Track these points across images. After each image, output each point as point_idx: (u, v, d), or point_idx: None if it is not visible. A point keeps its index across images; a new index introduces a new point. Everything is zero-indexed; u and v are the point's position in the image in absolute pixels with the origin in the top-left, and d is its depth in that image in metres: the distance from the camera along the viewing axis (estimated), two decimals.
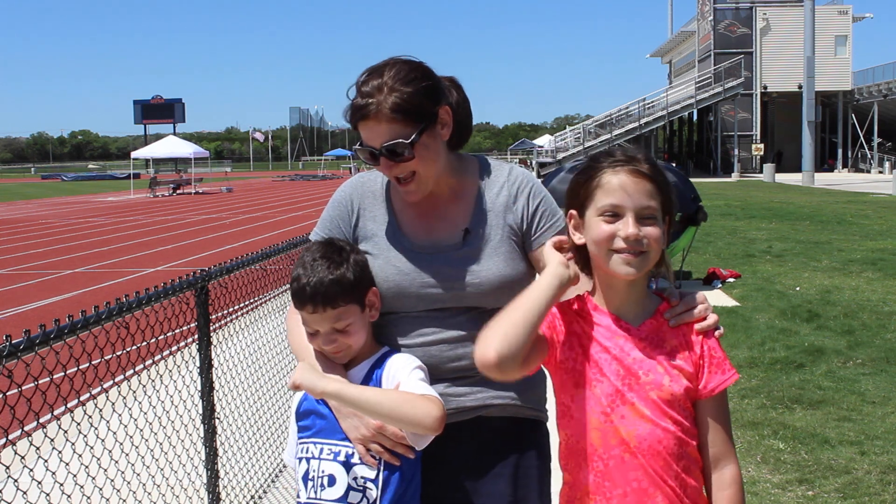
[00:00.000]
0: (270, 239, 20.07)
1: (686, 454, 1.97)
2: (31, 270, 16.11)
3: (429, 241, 2.36)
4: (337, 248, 2.29)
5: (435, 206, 2.38)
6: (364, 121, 2.22)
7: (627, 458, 1.94)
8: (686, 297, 2.04)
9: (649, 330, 2.00)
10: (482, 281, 2.29)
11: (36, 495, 2.87)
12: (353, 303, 2.23)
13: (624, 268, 1.93)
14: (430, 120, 2.24)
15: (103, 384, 3.36)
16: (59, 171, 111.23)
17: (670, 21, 75.91)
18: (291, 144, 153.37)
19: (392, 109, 2.18)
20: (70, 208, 38.00)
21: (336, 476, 2.19)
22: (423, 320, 2.32)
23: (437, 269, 2.31)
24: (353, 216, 2.43)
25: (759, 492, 4.77)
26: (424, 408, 2.10)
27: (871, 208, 24.28)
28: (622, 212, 1.92)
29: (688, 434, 1.97)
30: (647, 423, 1.94)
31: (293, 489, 5.05)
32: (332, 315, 2.20)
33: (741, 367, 7.29)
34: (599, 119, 57.20)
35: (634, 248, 1.92)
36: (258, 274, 5.16)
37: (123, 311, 3.15)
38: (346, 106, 2.27)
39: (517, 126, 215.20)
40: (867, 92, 55.10)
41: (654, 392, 1.94)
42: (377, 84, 2.20)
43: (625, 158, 1.97)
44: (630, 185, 1.93)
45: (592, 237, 1.96)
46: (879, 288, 11.08)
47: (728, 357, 2.04)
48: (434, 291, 2.30)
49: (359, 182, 2.49)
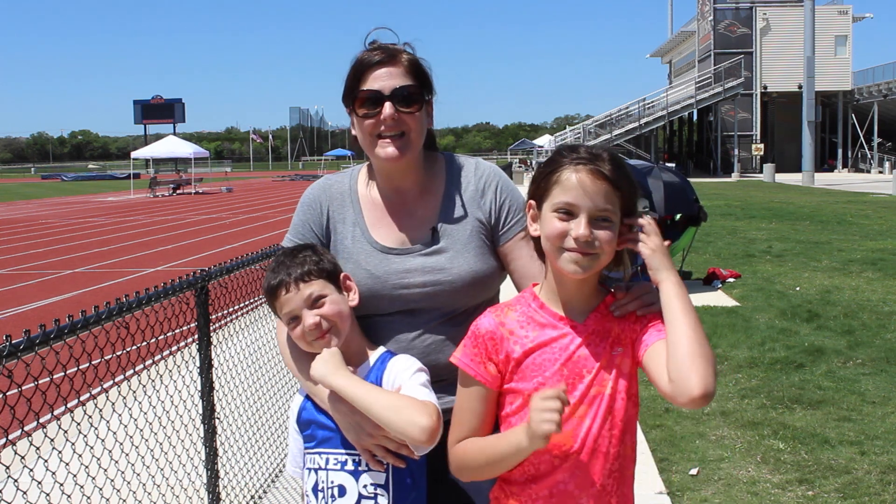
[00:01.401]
0: (270, 239, 20.07)
1: (623, 455, 1.97)
2: (31, 270, 16.11)
3: (397, 241, 2.34)
4: (300, 246, 2.31)
5: (403, 203, 2.37)
6: (378, 66, 2.25)
7: (558, 461, 1.94)
8: (633, 289, 2.03)
9: (594, 324, 1.98)
10: (454, 278, 2.27)
11: (36, 495, 2.87)
12: (323, 278, 2.20)
13: (571, 266, 1.91)
14: (429, 96, 2.32)
15: (103, 384, 3.36)
16: (59, 171, 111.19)
17: (670, 21, 75.99)
18: (291, 144, 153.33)
19: (410, 62, 2.28)
20: (70, 208, 38.00)
21: (346, 486, 2.16)
22: (398, 323, 2.30)
23: (408, 269, 2.29)
24: (324, 217, 2.41)
25: (759, 492, 4.77)
26: (413, 417, 2.02)
27: (871, 208, 24.28)
28: (576, 211, 1.90)
29: (628, 430, 1.97)
30: (587, 421, 1.93)
31: (293, 489, 5.06)
32: (305, 288, 2.18)
33: (741, 367, 7.30)
34: (599, 119, 57.25)
35: (585, 250, 1.90)
36: (258, 274, 5.15)
37: (123, 311, 3.15)
38: (355, 55, 2.29)
39: (517, 126, 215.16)
40: (867, 92, 55.10)
41: (596, 388, 1.94)
42: (394, 46, 2.30)
43: (588, 157, 1.93)
44: (588, 185, 1.90)
45: (545, 232, 1.95)
46: (879, 288, 11.08)
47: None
48: (406, 292, 2.29)
49: (326, 184, 2.48)
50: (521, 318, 2.01)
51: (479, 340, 2.00)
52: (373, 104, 2.25)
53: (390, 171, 2.35)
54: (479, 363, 1.99)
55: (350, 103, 2.31)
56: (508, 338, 1.98)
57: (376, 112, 2.25)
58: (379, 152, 2.28)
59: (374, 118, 2.25)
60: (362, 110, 2.27)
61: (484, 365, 1.99)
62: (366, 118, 2.27)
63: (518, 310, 2.03)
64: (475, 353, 2.00)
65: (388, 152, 2.27)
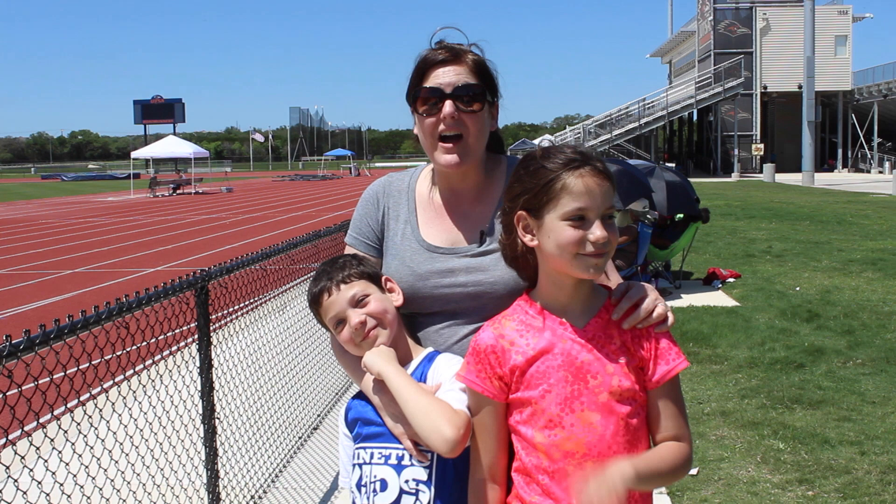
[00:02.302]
0: (270, 239, 20.07)
1: None
2: (31, 270, 16.11)
3: (446, 241, 2.33)
4: (340, 255, 2.35)
5: (458, 205, 2.36)
6: (443, 64, 2.24)
7: (572, 469, 1.91)
8: (630, 292, 1.99)
9: (595, 329, 1.96)
10: (496, 280, 2.25)
11: (36, 495, 2.87)
12: (364, 279, 2.24)
13: (591, 270, 1.90)
14: (492, 97, 2.31)
15: (103, 384, 3.36)
16: (59, 171, 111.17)
17: (670, 21, 75.97)
18: (291, 144, 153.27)
19: (474, 62, 2.27)
20: (70, 208, 38.00)
21: (388, 480, 2.13)
22: (440, 322, 2.29)
23: (451, 270, 2.28)
24: (380, 213, 2.42)
25: (759, 492, 4.77)
26: (440, 425, 2.01)
27: (871, 208, 24.28)
28: (589, 215, 1.89)
29: (639, 436, 1.95)
30: (598, 427, 1.91)
31: (293, 489, 5.06)
32: (347, 292, 2.21)
33: (741, 367, 7.30)
34: (599, 119, 57.20)
35: (602, 251, 1.90)
36: (258, 274, 5.16)
37: (123, 311, 3.15)
38: (420, 53, 2.29)
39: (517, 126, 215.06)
40: (867, 92, 55.10)
41: (604, 394, 1.92)
42: (460, 45, 2.29)
43: (580, 158, 1.92)
44: (595, 188, 1.89)
45: (557, 242, 1.90)
46: (879, 288, 11.08)
47: (676, 345, 2.00)
48: (447, 291, 2.27)
49: (387, 181, 2.48)
50: (520, 326, 1.99)
51: (482, 356, 1.99)
52: (433, 102, 2.24)
53: (449, 174, 2.34)
54: (486, 378, 1.98)
55: (412, 101, 2.30)
56: (509, 349, 1.97)
57: (437, 110, 2.24)
58: (438, 158, 2.27)
59: (435, 116, 2.24)
60: (423, 108, 2.26)
61: (490, 380, 1.98)
62: (427, 116, 2.26)
63: (515, 319, 2.01)
64: (480, 370, 1.99)
65: (447, 160, 2.26)
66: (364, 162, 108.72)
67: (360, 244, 2.42)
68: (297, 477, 5.26)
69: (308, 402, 6.18)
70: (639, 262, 10.43)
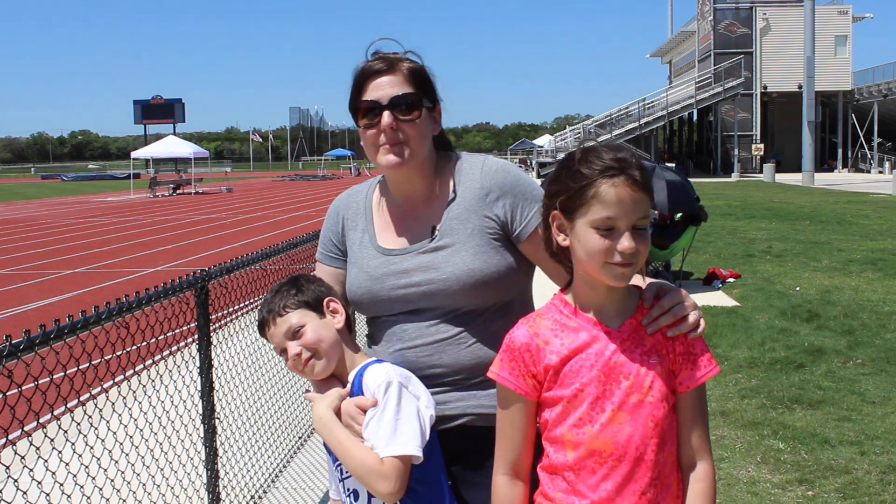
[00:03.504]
0: (270, 239, 20.07)
1: (663, 462, 1.94)
2: (31, 270, 16.11)
3: (400, 243, 2.36)
4: (285, 280, 2.38)
5: (412, 209, 2.38)
6: (378, 75, 2.27)
7: (599, 468, 1.92)
8: (663, 300, 1.99)
9: (629, 330, 1.96)
10: (448, 276, 2.25)
11: (36, 495, 2.87)
12: (301, 307, 2.28)
13: (617, 279, 1.91)
14: (431, 103, 2.33)
15: (103, 384, 3.36)
16: (59, 171, 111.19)
17: (670, 21, 75.96)
18: (291, 144, 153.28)
19: (410, 70, 2.29)
20: (70, 208, 37.99)
21: (359, 491, 2.23)
22: (401, 324, 2.31)
23: (405, 269, 2.30)
24: (340, 227, 2.50)
25: (759, 492, 4.77)
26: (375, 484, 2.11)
27: (871, 208, 24.28)
28: (619, 225, 1.87)
29: (668, 439, 1.95)
30: (627, 427, 1.91)
31: (293, 489, 5.06)
32: (283, 322, 2.27)
33: (741, 367, 7.30)
34: (599, 119, 57.19)
35: (630, 261, 1.89)
36: (258, 274, 5.16)
37: (123, 311, 3.15)
38: (357, 66, 2.31)
39: (517, 126, 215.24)
40: (867, 92, 55.09)
41: (636, 395, 1.92)
42: (395, 55, 2.32)
43: (618, 166, 1.88)
44: (627, 199, 1.87)
45: (586, 249, 1.90)
46: (879, 288, 11.08)
47: (708, 350, 2.01)
48: (404, 292, 2.29)
49: (346, 195, 2.55)
50: (554, 325, 1.99)
51: (517, 354, 1.99)
52: (373, 114, 2.26)
53: (396, 178, 2.37)
54: (519, 376, 1.98)
55: (353, 114, 2.33)
56: (544, 347, 1.97)
57: (376, 122, 2.26)
58: (380, 160, 2.30)
59: (375, 128, 2.27)
60: (363, 121, 2.29)
61: (524, 378, 1.97)
62: (367, 128, 2.29)
63: (550, 318, 2.01)
64: (513, 367, 1.98)
65: (388, 160, 2.28)
66: (364, 162, 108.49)
67: (327, 258, 2.52)
68: (297, 477, 5.26)
69: (308, 402, 6.16)
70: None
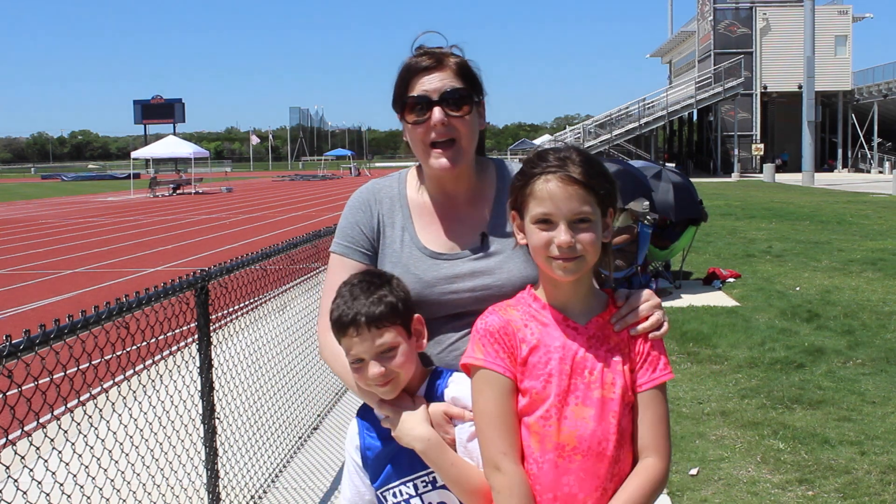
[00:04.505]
0: (270, 239, 20.07)
1: (622, 458, 1.98)
2: (31, 270, 16.11)
3: (446, 246, 2.33)
4: (376, 273, 2.22)
5: (453, 209, 2.36)
6: (426, 72, 2.24)
7: (561, 462, 1.94)
8: (630, 299, 2.05)
9: (596, 327, 2.02)
10: (503, 283, 2.26)
11: (36, 495, 2.87)
12: (398, 324, 2.11)
13: (559, 272, 1.95)
14: (479, 98, 2.31)
15: (103, 384, 3.36)
16: (59, 171, 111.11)
17: (670, 21, 75.96)
18: (291, 144, 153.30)
19: (457, 65, 2.27)
20: (70, 208, 38.00)
21: (446, 501, 2.15)
22: (444, 326, 2.29)
23: (457, 275, 2.28)
24: (374, 220, 2.38)
25: (759, 492, 4.77)
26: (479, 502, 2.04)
27: (871, 208, 24.28)
28: (554, 219, 1.94)
29: (626, 435, 1.99)
30: (590, 422, 1.95)
31: (293, 489, 5.06)
32: (377, 336, 2.08)
33: (741, 367, 7.30)
34: (599, 119, 57.21)
35: (568, 255, 1.93)
36: (258, 274, 5.16)
37: (123, 311, 3.15)
38: (404, 61, 2.28)
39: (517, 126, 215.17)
40: (867, 92, 55.09)
41: (598, 390, 1.96)
42: (441, 49, 2.29)
43: (557, 163, 1.95)
44: (559, 194, 1.93)
45: (531, 244, 1.99)
46: (879, 288, 11.08)
47: (665, 356, 2.05)
48: (455, 297, 2.27)
49: (374, 187, 2.44)
50: (524, 316, 2.04)
51: (496, 336, 2.01)
52: (422, 110, 2.23)
53: (442, 178, 2.33)
54: (505, 358, 2.00)
55: (399, 110, 2.30)
56: (516, 333, 2.01)
57: (426, 118, 2.23)
58: (433, 163, 2.26)
59: (424, 125, 2.24)
60: (411, 117, 2.25)
61: (507, 359, 2.00)
62: (416, 125, 2.25)
63: (520, 309, 2.06)
64: (496, 350, 2.00)
65: (441, 163, 2.25)
66: (364, 162, 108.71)
67: (354, 252, 2.36)
68: (297, 477, 5.26)
69: (308, 402, 6.18)
70: (639, 262, 10.41)
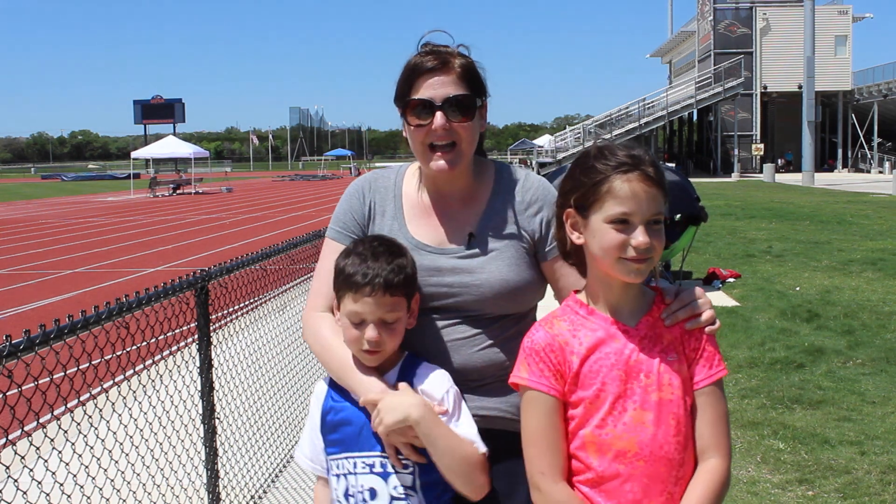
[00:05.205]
0: (270, 239, 20.07)
1: (686, 461, 1.94)
2: (31, 270, 16.11)
3: (433, 239, 2.33)
4: (395, 242, 2.24)
5: (445, 207, 2.36)
6: (431, 74, 2.23)
7: (623, 468, 1.91)
8: (682, 294, 2.02)
9: (647, 327, 1.97)
10: (482, 283, 2.26)
11: (36, 495, 2.87)
12: (405, 297, 2.16)
13: (632, 274, 1.92)
14: (482, 100, 2.30)
15: (103, 384, 3.36)
16: (59, 171, 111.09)
17: (670, 21, 75.96)
18: (291, 144, 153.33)
19: (463, 68, 2.25)
20: (70, 208, 37.99)
21: (377, 489, 2.15)
22: (423, 319, 2.29)
23: (438, 268, 2.29)
24: (366, 208, 2.41)
25: (759, 492, 4.77)
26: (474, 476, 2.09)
27: (871, 208, 24.28)
28: (633, 220, 1.89)
29: (689, 437, 1.94)
30: (650, 427, 1.90)
31: (293, 489, 5.06)
32: (388, 304, 2.12)
33: (741, 367, 7.30)
34: (599, 119, 57.20)
35: (644, 256, 1.90)
36: (258, 274, 5.16)
37: (123, 311, 3.15)
38: (408, 61, 2.26)
39: (517, 126, 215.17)
40: (867, 92, 55.09)
41: (655, 393, 1.92)
42: (447, 49, 2.27)
43: (631, 161, 1.91)
44: (641, 194, 1.89)
45: (601, 244, 1.92)
46: (879, 288, 11.08)
47: (720, 352, 2.02)
48: (433, 290, 2.28)
49: (372, 177, 2.48)
50: (571, 326, 1.99)
51: (541, 355, 1.97)
52: (425, 113, 2.23)
53: (438, 178, 2.34)
54: (550, 377, 1.96)
55: (401, 109, 2.30)
56: (564, 347, 1.97)
57: (427, 122, 2.23)
58: (431, 165, 2.27)
59: (426, 128, 2.24)
60: (413, 119, 2.25)
61: (554, 378, 1.96)
62: (417, 127, 2.25)
63: (567, 319, 2.01)
64: (542, 370, 1.96)
65: (439, 165, 2.26)
66: (364, 162, 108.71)
67: (345, 238, 2.38)
68: (297, 477, 5.26)
69: (308, 402, 6.16)
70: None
